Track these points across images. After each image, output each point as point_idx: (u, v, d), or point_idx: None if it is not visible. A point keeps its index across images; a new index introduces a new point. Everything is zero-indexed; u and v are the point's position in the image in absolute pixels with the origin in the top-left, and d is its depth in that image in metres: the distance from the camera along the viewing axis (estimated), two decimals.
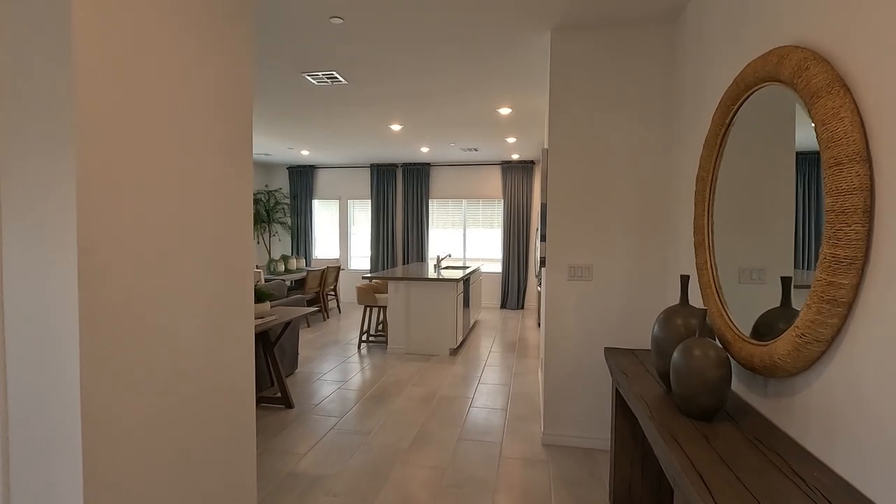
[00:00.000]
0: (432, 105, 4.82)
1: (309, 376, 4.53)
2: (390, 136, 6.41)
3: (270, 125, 5.77)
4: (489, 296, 8.73)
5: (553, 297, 3.07)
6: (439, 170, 8.77)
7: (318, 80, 4.05)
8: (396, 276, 5.38)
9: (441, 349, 5.33)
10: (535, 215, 8.48)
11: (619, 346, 2.99)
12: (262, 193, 9.11)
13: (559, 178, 3.02)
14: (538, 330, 6.72)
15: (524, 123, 5.55)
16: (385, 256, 8.89)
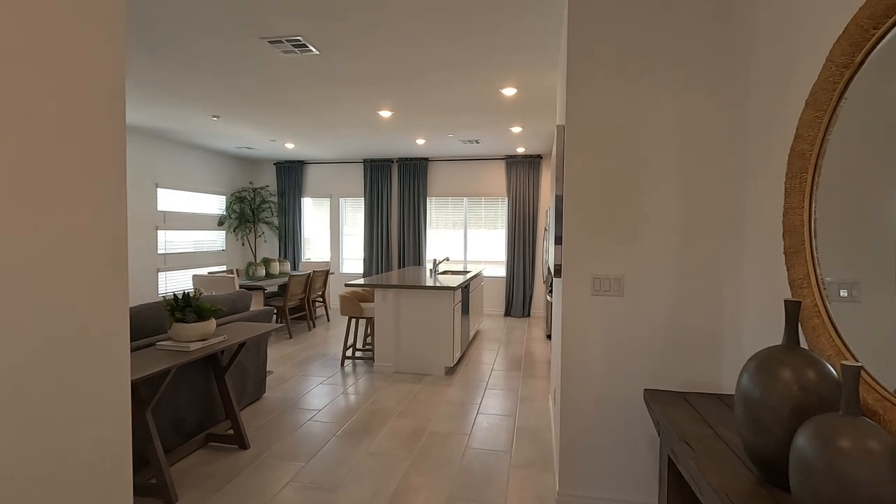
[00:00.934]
0: (426, 86, 4.13)
1: (278, 403, 3.84)
2: (381, 126, 5.71)
3: (240, 109, 5.09)
4: (492, 302, 8.02)
5: (571, 317, 2.36)
6: (438, 165, 8.08)
7: (283, 50, 3.36)
8: (383, 283, 4.68)
9: (435, 368, 4.62)
10: (543, 215, 7.76)
11: (664, 388, 2.27)
12: (248, 191, 8.44)
13: (579, 163, 2.32)
14: (547, 342, 6.00)
15: (532, 108, 4.84)
16: (379, 259, 8.20)
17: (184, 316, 2.66)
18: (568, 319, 2.37)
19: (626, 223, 2.28)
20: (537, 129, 5.87)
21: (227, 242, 8.12)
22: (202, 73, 3.91)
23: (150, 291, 6.52)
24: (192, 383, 3.05)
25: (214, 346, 2.69)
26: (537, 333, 6.56)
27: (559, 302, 2.55)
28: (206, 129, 6.03)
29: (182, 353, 2.58)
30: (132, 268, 6.23)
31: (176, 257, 6.96)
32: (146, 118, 5.45)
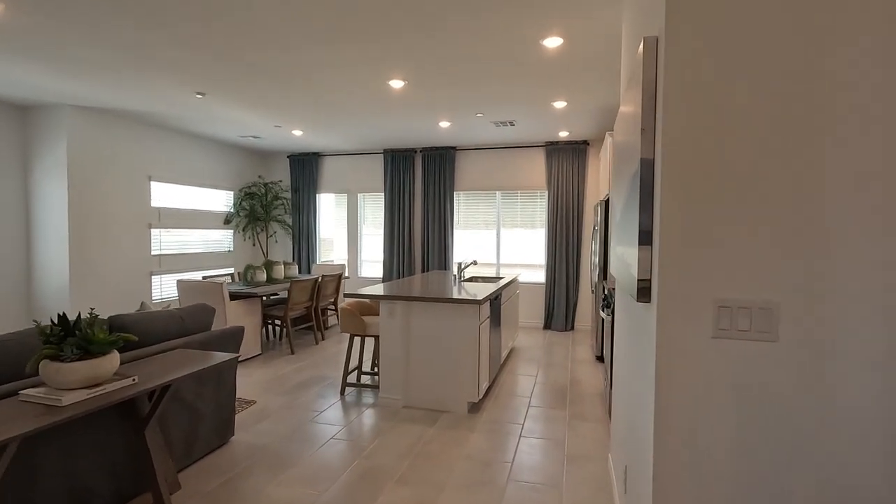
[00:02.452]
0: (443, 40, 3.13)
1: (244, 453, 2.93)
2: (394, 102, 4.76)
3: (222, 82, 4.24)
4: (529, 312, 6.93)
5: (671, 376, 1.31)
6: (467, 155, 7.07)
7: None
8: (389, 294, 3.71)
9: (455, 403, 3.62)
10: (590, 211, 6.62)
11: None
12: (258, 186, 7.70)
13: (697, 98, 1.26)
14: (597, 366, 4.88)
15: (582, 68, 3.76)
16: (400, 263, 7.26)
17: (59, 350, 1.76)
18: (666, 380, 1.31)
19: (789, 209, 1.21)
20: (587, 103, 4.76)
21: (236, 243, 7.39)
22: (163, 28, 3.06)
23: (143, 298, 5.82)
24: (104, 437, 2.17)
25: (108, 396, 1.79)
26: (584, 353, 5.44)
27: (646, 343, 1.50)
28: (198, 113, 5.26)
29: (50, 408, 1.68)
30: (119, 271, 5.54)
31: (173, 259, 6.25)
32: (122, 98, 4.70)
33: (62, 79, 4.09)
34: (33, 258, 5.13)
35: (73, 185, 5.03)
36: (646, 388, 1.47)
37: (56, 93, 4.52)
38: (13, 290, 5.03)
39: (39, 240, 5.09)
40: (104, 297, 5.38)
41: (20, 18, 2.93)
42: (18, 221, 5.06)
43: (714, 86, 1.24)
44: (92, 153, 5.21)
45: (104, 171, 5.34)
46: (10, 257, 4.99)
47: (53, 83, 4.21)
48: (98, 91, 4.45)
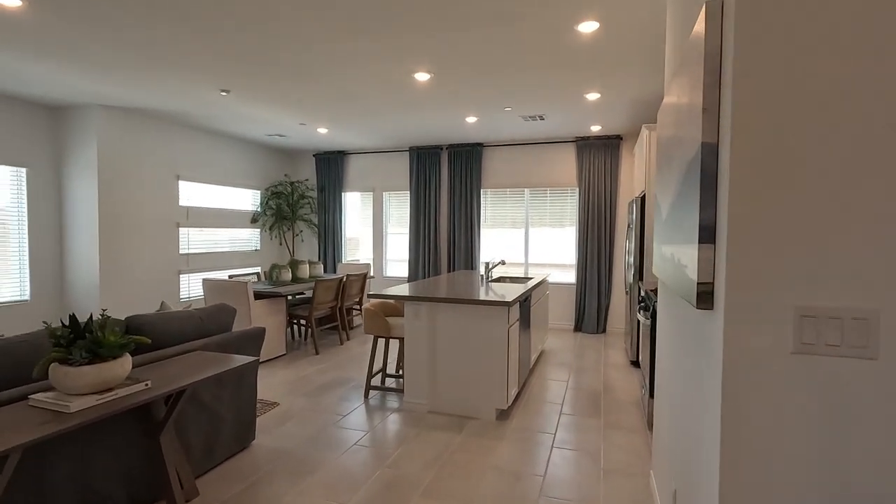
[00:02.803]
0: (470, 29, 2.97)
1: (266, 458, 2.83)
2: (420, 96, 4.62)
3: (245, 78, 4.18)
4: (559, 314, 6.70)
5: (738, 392, 1.11)
6: (494, 152, 6.88)
7: None
8: (414, 295, 3.57)
9: (483, 409, 3.45)
10: (624, 209, 6.34)
11: None
12: (284, 185, 7.69)
13: (777, 62, 1.07)
14: (632, 372, 4.63)
15: (618, 57, 3.53)
16: (426, 262, 7.13)
17: (68, 353, 1.68)
18: (734, 400, 1.12)
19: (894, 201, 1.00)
20: (621, 95, 4.52)
21: (263, 242, 7.40)
22: (185, 23, 3.00)
23: (171, 297, 5.86)
24: (120, 442, 2.10)
25: (118, 403, 1.70)
26: (617, 357, 5.19)
27: (707, 355, 1.30)
28: (223, 111, 5.24)
29: (58, 414, 1.60)
30: (148, 270, 5.58)
31: (201, 258, 6.28)
32: (149, 97, 4.71)
33: (91, 78, 4.10)
34: (66, 257, 5.22)
35: (103, 184, 5.08)
36: (706, 408, 1.27)
37: (86, 93, 4.56)
38: (48, 288, 5.12)
39: (71, 239, 5.17)
40: (133, 295, 5.43)
41: (44, 17, 2.91)
42: (52, 221, 5.14)
43: (799, 53, 1.04)
44: (121, 152, 5.26)
45: (133, 170, 5.39)
46: (44, 256, 5.08)
47: (83, 83, 4.24)
48: (126, 90, 4.46)
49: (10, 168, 4.82)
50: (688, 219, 1.40)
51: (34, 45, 3.37)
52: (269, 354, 4.94)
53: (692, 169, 1.34)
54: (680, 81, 1.62)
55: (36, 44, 3.35)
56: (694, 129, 1.34)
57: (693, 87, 1.37)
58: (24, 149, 4.89)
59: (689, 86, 1.44)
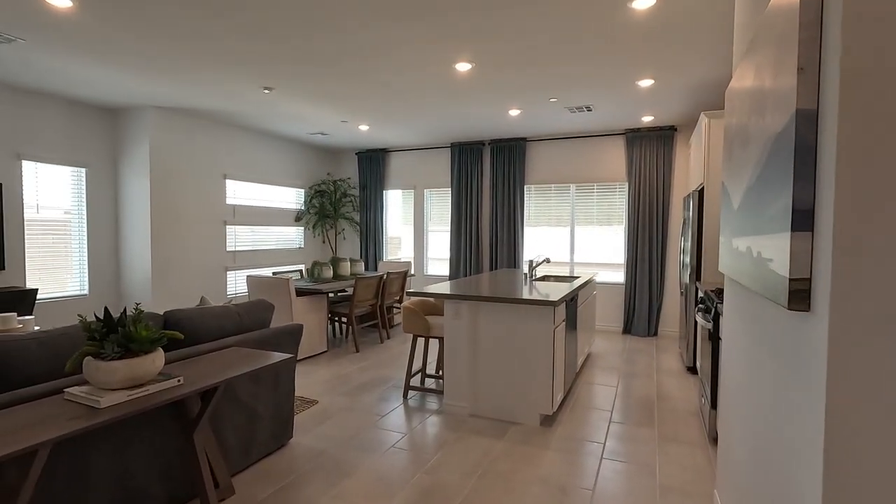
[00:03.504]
0: (513, 8, 2.80)
1: (303, 457, 2.78)
2: (461, 88, 4.48)
3: (288, 74, 4.17)
4: (607, 316, 6.38)
5: (848, 414, 0.90)
6: (538, 146, 6.64)
7: None
8: (455, 293, 3.43)
9: (527, 415, 3.27)
10: (677, 204, 5.96)
11: None
12: (327, 184, 7.75)
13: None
14: (689, 379, 4.30)
15: (677, 37, 3.26)
16: (467, 261, 6.98)
17: (101, 348, 1.65)
18: (842, 425, 0.91)
19: None
20: (678, 79, 4.21)
21: (306, 240, 7.49)
22: (225, 15, 2.99)
23: (218, 293, 6.00)
24: (159, 437, 2.08)
25: (149, 399, 1.65)
26: (671, 362, 4.85)
27: (801, 366, 1.08)
28: (267, 110, 5.29)
29: (90, 409, 1.57)
30: (196, 266, 5.73)
31: (247, 255, 6.40)
32: (197, 97, 4.81)
33: (143, 79, 4.22)
34: (121, 253, 5.43)
35: (155, 182, 5.25)
36: (800, 432, 1.06)
37: (140, 94, 4.71)
38: (105, 283, 5.34)
39: (126, 236, 5.37)
40: (183, 291, 5.59)
41: (93, 17, 2.97)
42: (109, 219, 5.36)
43: None
44: (172, 152, 5.42)
45: (183, 169, 5.54)
46: (102, 253, 5.30)
47: (136, 84, 4.37)
48: (175, 90, 4.57)
49: (72, 168, 5.06)
50: (773, 204, 1.18)
51: (88, 45, 3.47)
52: (310, 351, 4.95)
53: (781, 144, 1.13)
54: (756, 60, 1.40)
55: (89, 44, 3.45)
56: (782, 99, 1.12)
57: (779, 53, 1.15)
58: (85, 150, 5.12)
59: (772, 54, 1.23)
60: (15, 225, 4.55)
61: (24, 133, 4.60)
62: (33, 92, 4.63)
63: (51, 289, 4.90)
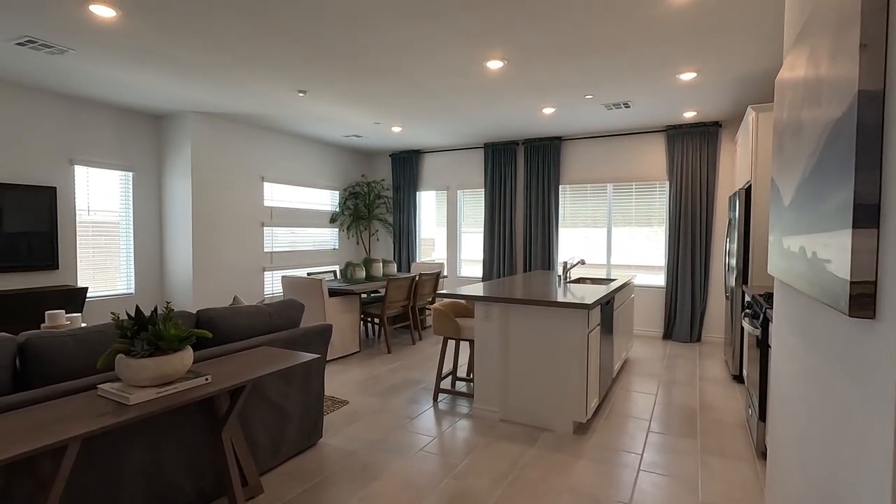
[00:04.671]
0: (546, 3, 2.71)
1: (332, 458, 2.77)
2: (493, 87, 4.41)
3: (318, 76, 4.21)
4: (646, 319, 6.15)
5: None
6: (574, 145, 6.48)
7: None
8: (485, 295, 3.36)
9: (559, 421, 3.16)
10: (722, 203, 5.68)
11: None
12: (361, 185, 7.83)
13: None
14: (735, 388, 4.07)
15: (721, 26, 3.08)
16: (501, 262, 6.88)
17: (131, 345, 1.68)
18: None
19: None
20: (723, 72, 3.99)
21: (340, 241, 7.59)
22: (253, 19, 3.04)
23: (255, 293, 6.15)
24: (189, 434, 2.11)
25: (177, 397, 1.67)
26: (716, 369, 4.61)
27: (865, 380, 0.96)
28: (302, 113, 5.38)
29: (119, 405, 1.60)
30: (235, 266, 5.89)
31: (283, 255, 6.54)
32: (235, 102, 4.94)
33: (184, 85, 4.36)
34: (165, 253, 5.64)
35: (196, 185, 5.42)
36: (865, 454, 0.94)
37: (181, 100, 4.88)
38: (150, 282, 5.56)
39: (170, 237, 5.58)
40: (222, 290, 5.75)
41: (137, 25, 3.08)
42: (153, 221, 5.58)
43: None
44: (212, 155, 5.59)
45: (222, 172, 5.71)
46: (147, 253, 5.52)
47: (179, 90, 4.53)
48: (215, 96, 4.71)
49: (120, 172, 5.30)
50: (830, 198, 1.06)
51: (132, 53, 3.61)
52: (342, 351, 4.98)
53: (840, 130, 1.01)
54: (814, 35, 1.27)
55: (133, 52, 3.59)
56: (841, 82, 1.01)
57: (838, 33, 1.04)
58: (132, 155, 5.35)
59: (829, 35, 1.11)
60: (68, 227, 4.79)
61: (77, 139, 4.85)
62: (84, 100, 4.87)
63: (100, 288, 5.14)
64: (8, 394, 1.73)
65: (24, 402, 1.62)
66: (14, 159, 4.40)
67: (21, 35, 3.26)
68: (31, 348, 1.78)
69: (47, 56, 3.64)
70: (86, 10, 2.88)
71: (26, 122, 4.48)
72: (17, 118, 4.41)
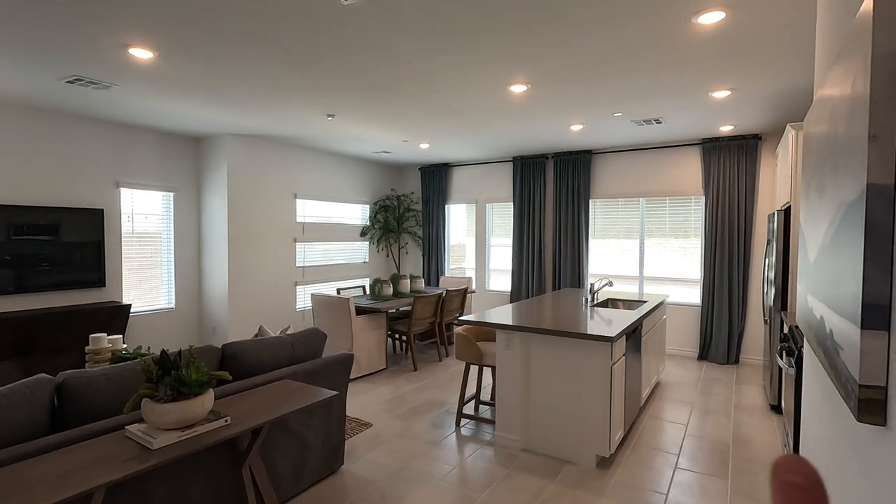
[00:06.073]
0: (569, 31, 2.68)
1: (350, 489, 2.82)
2: (518, 108, 4.38)
3: (345, 101, 4.30)
4: (680, 338, 5.94)
5: None
6: (604, 159, 6.35)
7: None
8: (506, 324, 3.34)
9: (582, 454, 3.10)
10: (763, 219, 5.43)
11: None
12: (391, 199, 7.92)
13: None
14: (773, 419, 3.88)
15: (753, 47, 2.96)
16: (529, 277, 6.82)
17: (155, 390, 1.77)
18: None
19: None
20: (760, 89, 3.83)
21: (371, 254, 7.70)
22: (288, 53, 3.14)
23: (287, 307, 6.32)
24: (213, 465, 2.20)
25: (197, 441, 1.74)
26: (753, 397, 4.40)
27: (886, 490, 0.91)
28: (332, 133, 5.50)
29: (144, 449, 1.68)
30: (268, 281, 6.08)
31: (315, 270, 6.69)
32: (268, 125, 5.10)
33: (219, 111, 4.55)
34: (203, 270, 5.88)
35: (232, 203, 5.63)
36: None
37: (217, 124, 5.08)
38: (189, 297, 5.81)
39: (207, 254, 5.82)
40: (256, 306, 5.94)
41: (173, 63, 3.24)
42: (192, 238, 5.84)
43: None
44: (247, 174, 5.79)
45: (257, 190, 5.91)
46: (186, 269, 5.78)
47: (216, 116, 4.72)
48: (249, 120, 4.88)
49: (163, 193, 5.57)
50: (846, 283, 1.01)
51: (170, 86, 3.79)
52: (369, 369, 5.06)
53: (853, 216, 0.96)
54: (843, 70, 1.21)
55: (170, 85, 3.77)
56: (853, 164, 0.95)
57: (851, 112, 0.98)
58: (173, 176, 5.61)
59: (848, 91, 1.05)
60: (114, 246, 5.07)
61: (122, 163, 5.13)
62: (129, 126, 5.15)
63: (143, 304, 5.41)
64: (46, 429, 1.85)
65: (59, 444, 1.73)
66: (67, 184, 4.70)
67: (70, 74, 3.48)
68: (67, 388, 1.90)
69: (94, 91, 3.87)
70: (126, 52, 3.05)
71: (77, 148, 4.77)
72: (68, 146, 4.71)
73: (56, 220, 4.57)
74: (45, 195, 4.57)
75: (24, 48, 2.99)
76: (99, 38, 2.83)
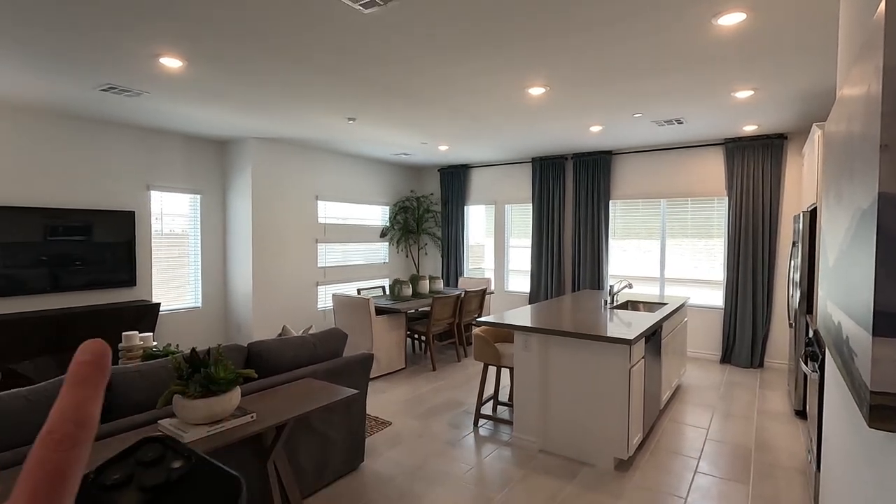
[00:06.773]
0: (588, 35, 2.69)
1: (370, 483, 2.88)
2: (536, 110, 4.39)
3: (363, 105, 4.37)
4: (702, 341, 5.86)
5: None
6: (624, 160, 6.30)
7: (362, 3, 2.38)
8: (524, 326, 3.36)
9: (600, 456, 3.10)
10: (788, 220, 5.32)
11: None
12: (411, 200, 8.00)
13: None
14: (797, 424, 3.81)
15: (776, 47, 2.92)
16: (548, 278, 6.80)
17: (186, 387, 1.85)
18: None
19: None
20: (785, 88, 3.77)
21: (391, 255, 7.79)
22: (309, 62, 3.23)
23: (309, 306, 6.45)
24: (236, 461, 2.29)
25: (225, 436, 1.82)
26: (776, 401, 4.33)
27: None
28: (352, 136, 5.60)
29: None
30: (291, 281, 6.21)
31: (335, 270, 6.81)
32: (290, 128, 5.22)
33: (244, 116, 4.68)
34: (228, 269, 6.04)
35: (256, 205, 5.78)
36: None
37: (243, 129, 5.22)
38: (215, 296, 5.98)
39: (232, 254, 5.98)
40: (279, 305, 6.08)
41: (201, 72, 3.36)
42: (218, 239, 6.00)
43: None
44: (270, 177, 5.93)
45: (280, 192, 6.05)
46: (212, 269, 5.95)
47: (241, 121, 4.86)
48: (272, 124, 5.01)
49: (190, 195, 5.74)
50: (860, 289, 1.01)
51: (198, 93, 3.92)
52: (388, 368, 5.13)
53: (867, 223, 0.97)
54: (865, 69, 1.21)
55: (199, 92, 3.90)
56: (868, 169, 0.96)
57: (867, 117, 0.99)
58: (200, 178, 5.79)
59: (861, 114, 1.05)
60: (144, 247, 5.26)
61: (152, 166, 5.31)
62: (158, 131, 5.33)
63: (171, 303, 5.59)
64: None
65: (97, 436, 1.82)
66: (100, 187, 4.90)
67: (104, 83, 3.64)
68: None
69: (126, 98, 4.03)
70: (156, 62, 3.17)
71: (110, 153, 4.96)
72: (102, 150, 4.90)
73: (90, 221, 4.76)
74: (79, 198, 4.76)
75: (62, 60, 3.14)
76: (132, 49, 2.96)
